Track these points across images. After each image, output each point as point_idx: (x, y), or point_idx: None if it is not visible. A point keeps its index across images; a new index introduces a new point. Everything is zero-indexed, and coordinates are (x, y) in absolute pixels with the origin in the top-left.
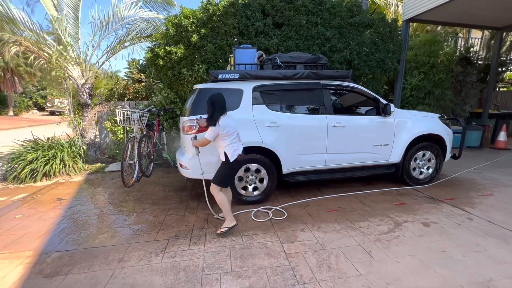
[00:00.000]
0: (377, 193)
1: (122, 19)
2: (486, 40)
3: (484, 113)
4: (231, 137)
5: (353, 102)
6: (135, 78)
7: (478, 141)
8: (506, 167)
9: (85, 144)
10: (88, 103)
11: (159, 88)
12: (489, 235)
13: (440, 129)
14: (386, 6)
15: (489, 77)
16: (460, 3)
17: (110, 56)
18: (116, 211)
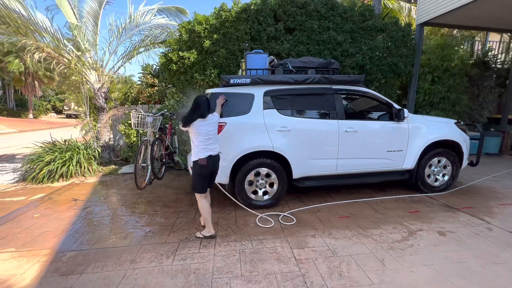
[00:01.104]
0: (390, 200)
1: (137, 26)
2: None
3: (503, 118)
4: (197, 139)
5: (365, 107)
6: (149, 83)
7: (497, 147)
8: None
9: (99, 147)
10: (103, 106)
11: (171, 92)
12: (510, 247)
13: (456, 135)
14: (399, 10)
15: (508, 81)
16: (476, 6)
17: (126, 62)
18: (129, 213)
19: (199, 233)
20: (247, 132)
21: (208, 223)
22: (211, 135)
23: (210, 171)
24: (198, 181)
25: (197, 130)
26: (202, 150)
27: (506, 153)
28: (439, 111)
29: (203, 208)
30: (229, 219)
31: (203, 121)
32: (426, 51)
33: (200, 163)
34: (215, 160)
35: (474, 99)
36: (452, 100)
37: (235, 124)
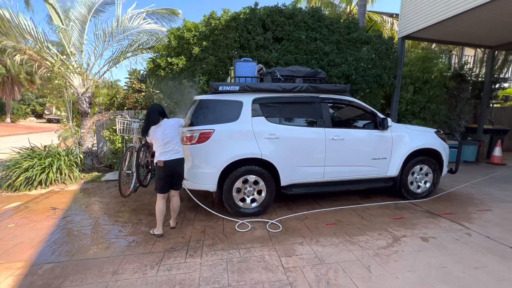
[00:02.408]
0: (375, 207)
1: (125, 31)
2: (479, 58)
3: (479, 128)
4: (156, 144)
5: (351, 116)
6: (135, 88)
7: (474, 156)
8: (502, 182)
9: (82, 153)
10: (87, 111)
11: (159, 98)
12: (489, 251)
13: (436, 143)
14: (382, 24)
15: (483, 93)
16: (453, 22)
17: (112, 66)
18: (111, 222)
19: (152, 230)
20: (236, 139)
21: (159, 223)
22: (168, 138)
23: (169, 173)
24: (158, 182)
25: (154, 137)
26: (160, 155)
27: (482, 161)
28: (420, 120)
29: (157, 208)
30: (216, 227)
31: (157, 127)
32: (408, 63)
33: (158, 165)
34: (174, 164)
35: (452, 109)
36: (432, 110)
37: (223, 131)
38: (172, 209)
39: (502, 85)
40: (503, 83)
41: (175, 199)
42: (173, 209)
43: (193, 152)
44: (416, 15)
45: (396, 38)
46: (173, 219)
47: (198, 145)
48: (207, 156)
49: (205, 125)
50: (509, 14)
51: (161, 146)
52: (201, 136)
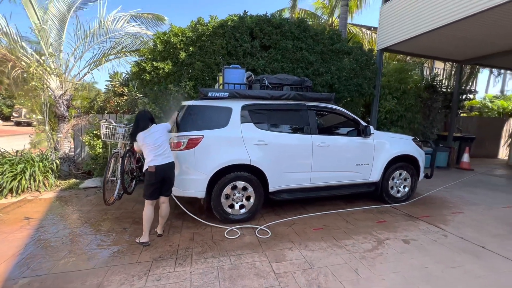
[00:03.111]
0: (359, 211)
1: (108, 32)
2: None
3: (449, 136)
4: (146, 149)
5: (336, 123)
6: (117, 92)
7: (445, 161)
8: (471, 186)
9: (58, 158)
10: (65, 115)
11: (143, 102)
12: (463, 251)
13: (414, 150)
14: (361, 36)
15: (452, 103)
16: (424, 38)
17: (93, 68)
18: (93, 231)
19: (138, 239)
20: (225, 145)
21: (145, 231)
22: (160, 142)
23: (160, 179)
24: (147, 188)
25: (143, 142)
26: (151, 160)
27: (453, 166)
28: (397, 128)
29: (145, 215)
30: (204, 234)
31: (147, 132)
32: (386, 73)
33: (149, 170)
34: (165, 169)
35: (425, 118)
36: (409, 118)
37: (212, 137)
38: (160, 216)
39: (468, 96)
40: (469, 94)
41: (165, 205)
42: (162, 216)
43: (181, 158)
44: (392, 30)
45: (375, 50)
46: (160, 226)
47: (186, 151)
48: (196, 162)
49: (194, 131)
50: (473, 33)
51: (152, 150)
52: (189, 142)
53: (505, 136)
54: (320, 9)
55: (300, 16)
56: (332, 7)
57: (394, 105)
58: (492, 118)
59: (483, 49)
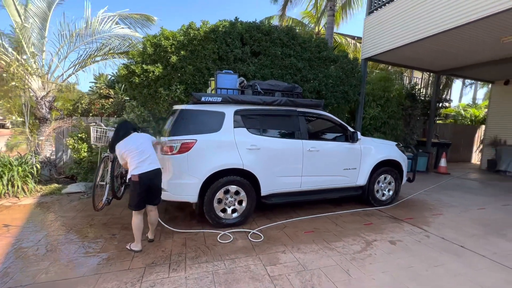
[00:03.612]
0: (347, 214)
1: (95, 33)
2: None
3: (428, 142)
4: (130, 156)
5: (325, 129)
6: (103, 94)
7: (425, 166)
8: (448, 189)
9: (38, 162)
10: (46, 117)
11: (131, 105)
12: (445, 251)
13: (397, 155)
14: (346, 45)
15: (430, 111)
16: (405, 49)
17: (79, 69)
18: (80, 238)
19: (128, 245)
20: (218, 150)
21: (137, 239)
22: (142, 148)
23: (145, 188)
24: (133, 198)
25: (125, 149)
26: (135, 168)
27: (431, 171)
28: (381, 134)
29: (134, 225)
30: (197, 239)
31: (129, 138)
32: (370, 82)
33: (133, 179)
34: (150, 176)
35: (406, 125)
36: (391, 125)
37: (206, 141)
38: (150, 223)
39: (445, 105)
40: (445, 103)
41: (153, 213)
42: (151, 223)
43: (174, 162)
44: (375, 41)
45: (359, 58)
46: (151, 232)
47: (179, 156)
48: (189, 166)
49: (187, 135)
50: (449, 47)
51: (136, 156)
52: (182, 146)
53: (477, 142)
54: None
55: (288, 24)
56: (319, 17)
57: (378, 112)
58: (465, 126)
59: (457, 62)
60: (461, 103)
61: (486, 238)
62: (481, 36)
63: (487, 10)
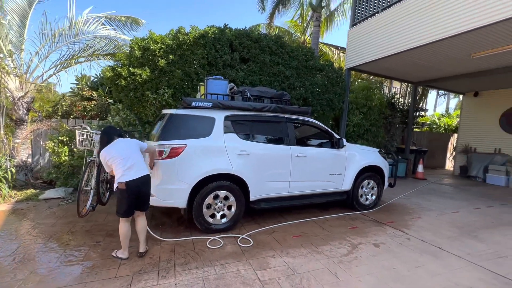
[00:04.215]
0: (333, 218)
1: (79, 34)
2: (404, 90)
3: (406, 148)
4: (115, 163)
5: (312, 135)
6: (85, 96)
7: (404, 172)
8: (426, 194)
9: (13, 166)
10: (24, 119)
11: (117, 108)
12: (424, 252)
13: (380, 161)
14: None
15: (408, 120)
16: (385, 61)
17: (61, 70)
18: (61, 246)
19: (114, 252)
20: (208, 155)
21: (124, 246)
22: (127, 154)
23: (134, 196)
24: (121, 205)
25: (111, 156)
26: (122, 175)
27: (410, 176)
28: (364, 141)
29: (122, 232)
30: (186, 245)
31: (113, 144)
32: (354, 90)
33: (120, 188)
34: (138, 184)
35: (387, 132)
36: (373, 132)
37: (196, 146)
38: (138, 231)
39: (421, 114)
40: (422, 112)
41: (140, 219)
42: (140, 231)
43: (163, 167)
44: (358, 52)
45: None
46: (142, 244)
47: (168, 160)
48: (178, 171)
49: (176, 140)
50: (425, 60)
51: (121, 163)
52: (172, 151)
53: (450, 150)
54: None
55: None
56: (305, 27)
57: (360, 119)
58: (440, 134)
59: (433, 74)
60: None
61: (461, 239)
62: (454, 52)
63: (458, 29)
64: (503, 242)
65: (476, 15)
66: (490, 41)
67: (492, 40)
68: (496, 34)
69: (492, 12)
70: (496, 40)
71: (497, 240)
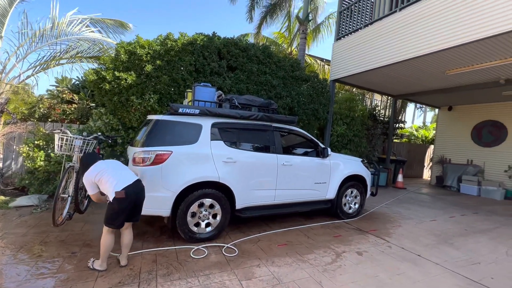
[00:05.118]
0: (318, 227)
1: (61, 35)
2: (384, 102)
3: (387, 158)
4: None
5: (298, 144)
6: (65, 98)
7: (385, 181)
8: (405, 203)
9: None
10: None
11: (99, 112)
12: (405, 260)
13: (362, 170)
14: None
15: (389, 131)
16: (366, 74)
17: (40, 71)
18: (32, 258)
19: (91, 263)
20: (194, 162)
21: (103, 258)
22: (114, 164)
23: (133, 204)
24: (116, 216)
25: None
26: (116, 184)
27: (390, 185)
28: (347, 150)
29: (105, 244)
30: (168, 255)
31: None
32: (338, 101)
33: (118, 197)
34: (137, 191)
35: (369, 142)
36: (356, 142)
37: (181, 153)
38: (124, 244)
39: (401, 125)
40: (401, 124)
41: (128, 231)
42: (126, 245)
43: (146, 174)
44: (341, 65)
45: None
46: (124, 256)
47: (152, 167)
48: (162, 179)
49: (162, 146)
50: (404, 74)
51: (112, 172)
52: (157, 158)
53: (428, 160)
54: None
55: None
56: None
57: (344, 130)
58: (418, 145)
59: (411, 88)
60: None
61: (438, 247)
62: (430, 68)
63: (432, 48)
64: (476, 249)
65: (449, 36)
66: (463, 59)
67: (465, 58)
68: (467, 54)
69: (463, 33)
70: (468, 58)
71: (471, 247)
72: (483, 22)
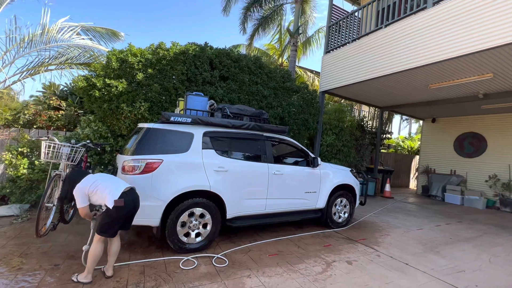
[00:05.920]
0: (308, 236)
1: (51, 41)
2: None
3: (375, 168)
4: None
5: (289, 154)
6: (52, 105)
7: (373, 190)
8: (393, 212)
9: None
10: None
11: (87, 120)
12: (393, 268)
13: (351, 180)
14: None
15: (376, 141)
16: (354, 87)
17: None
18: (12, 271)
19: (75, 277)
20: (185, 171)
21: (90, 270)
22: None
23: (130, 212)
24: (112, 225)
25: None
26: (113, 192)
27: (379, 195)
28: (336, 160)
29: (94, 254)
30: (157, 266)
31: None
32: (327, 112)
33: (117, 205)
34: (134, 197)
35: (357, 152)
36: (345, 152)
37: (172, 162)
38: (111, 253)
39: (387, 136)
40: (388, 134)
41: (117, 240)
42: (114, 252)
43: (136, 183)
44: (330, 77)
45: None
46: (110, 266)
47: (142, 176)
48: (152, 187)
49: (152, 155)
50: (390, 87)
51: (105, 181)
52: (147, 166)
53: (413, 170)
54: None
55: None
56: (282, 50)
57: (333, 140)
58: (404, 155)
59: (396, 100)
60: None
61: (425, 255)
62: (414, 82)
63: (416, 63)
64: (461, 257)
65: (431, 52)
66: (444, 74)
67: (446, 73)
68: (448, 69)
69: (444, 50)
70: (449, 74)
71: (456, 255)
72: (461, 41)
